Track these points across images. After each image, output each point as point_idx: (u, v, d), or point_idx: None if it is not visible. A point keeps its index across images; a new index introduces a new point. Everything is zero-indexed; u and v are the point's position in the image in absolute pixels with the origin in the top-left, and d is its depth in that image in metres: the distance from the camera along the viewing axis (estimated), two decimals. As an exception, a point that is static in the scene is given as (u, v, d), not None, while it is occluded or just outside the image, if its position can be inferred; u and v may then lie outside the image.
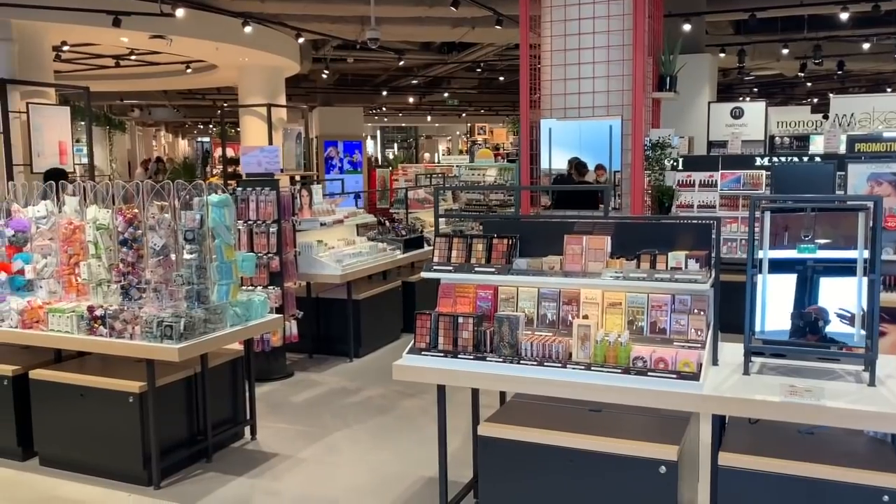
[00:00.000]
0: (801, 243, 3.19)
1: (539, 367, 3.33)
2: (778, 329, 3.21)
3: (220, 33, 10.56)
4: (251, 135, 13.13)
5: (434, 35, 13.74)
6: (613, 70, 5.76)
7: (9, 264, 4.92)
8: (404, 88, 23.30)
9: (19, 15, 8.58)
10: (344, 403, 5.75)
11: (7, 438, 4.69)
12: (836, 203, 3.66)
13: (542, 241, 3.69)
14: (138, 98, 22.93)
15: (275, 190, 6.07)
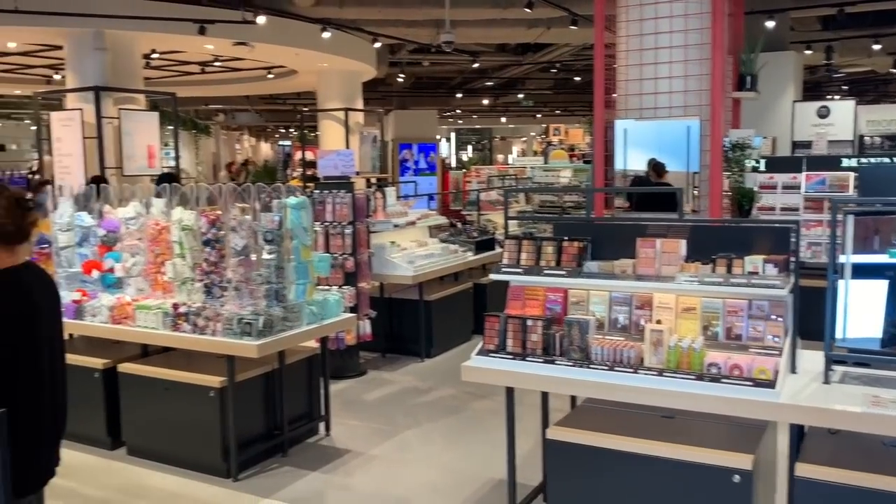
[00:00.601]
0: (892, 247, 3.06)
1: (609, 371, 3.30)
2: (864, 337, 3.09)
3: (299, 39, 10.84)
4: (329, 138, 13.42)
5: (509, 36, 13.73)
6: (691, 69, 5.64)
7: (100, 263, 5.18)
8: (479, 90, 23.35)
9: (113, 25, 9.03)
10: (415, 402, 5.82)
11: (97, 428, 4.94)
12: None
13: (615, 244, 3.65)
14: (223, 103, 23.73)
15: (350, 192, 6.20)
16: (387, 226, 6.81)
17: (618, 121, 5.95)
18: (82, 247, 5.32)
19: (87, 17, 8.67)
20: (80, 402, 4.95)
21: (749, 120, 7.77)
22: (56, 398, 2.44)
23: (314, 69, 13.13)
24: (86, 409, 4.93)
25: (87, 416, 4.94)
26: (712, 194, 5.60)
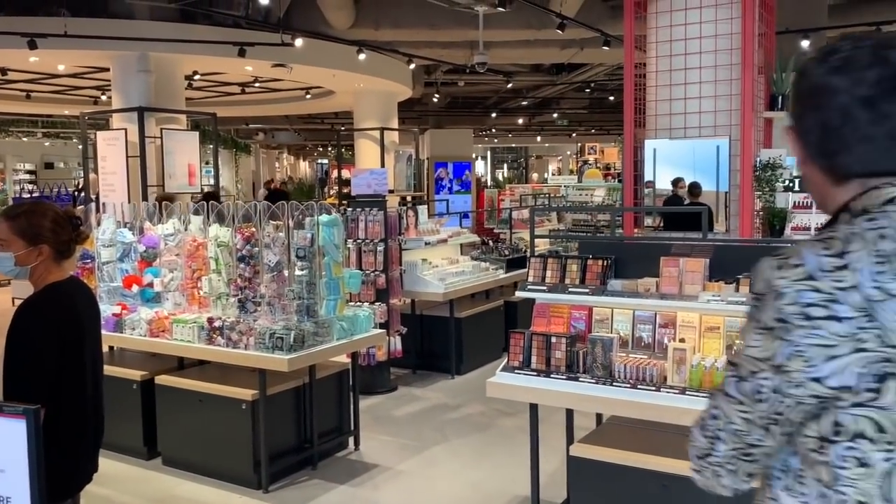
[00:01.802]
0: None
1: (632, 389, 3.33)
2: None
3: (336, 61, 11.08)
4: (365, 157, 13.63)
5: (543, 57, 13.85)
6: (721, 90, 5.66)
7: (140, 278, 5.36)
8: (514, 110, 23.48)
9: (157, 49, 9.35)
10: (444, 419, 5.87)
11: (134, 438, 5.08)
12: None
13: (639, 262, 3.68)
14: (262, 122, 24.23)
15: (382, 210, 6.31)
16: (418, 243, 6.91)
17: (647, 140, 5.98)
18: (123, 262, 5.51)
19: (132, 40, 8.99)
20: (118, 413, 5.14)
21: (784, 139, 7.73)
22: (97, 406, 2.56)
23: (351, 89, 13.37)
24: (124, 419, 5.08)
25: (125, 426, 5.08)
26: (743, 214, 5.58)
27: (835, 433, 1.11)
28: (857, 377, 1.07)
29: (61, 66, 10.93)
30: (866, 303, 1.07)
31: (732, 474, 1.26)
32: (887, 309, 1.06)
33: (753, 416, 1.18)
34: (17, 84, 13.04)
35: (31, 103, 14.67)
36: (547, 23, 10.04)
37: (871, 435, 1.09)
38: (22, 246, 2.38)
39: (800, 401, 1.13)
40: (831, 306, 1.08)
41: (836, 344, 1.08)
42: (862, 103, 1.13)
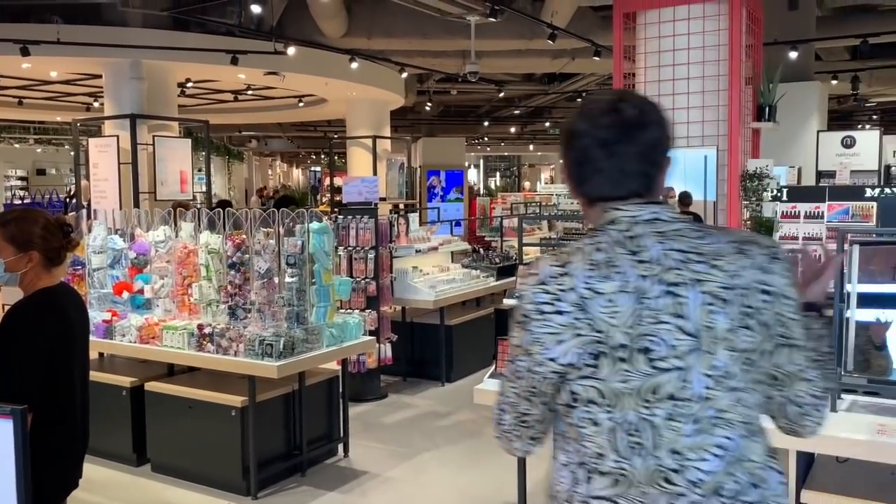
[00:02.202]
0: None
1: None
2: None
3: (329, 69, 11.12)
4: (357, 165, 13.66)
5: (535, 67, 13.93)
6: (709, 100, 5.72)
7: (131, 284, 5.37)
8: (506, 119, 23.58)
9: (150, 56, 9.37)
10: (434, 426, 5.89)
11: (124, 445, 5.09)
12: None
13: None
14: (255, 130, 24.24)
15: (373, 218, 6.35)
16: (409, 251, 6.94)
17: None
18: (114, 268, 5.52)
19: (125, 47, 9.02)
20: (107, 420, 5.16)
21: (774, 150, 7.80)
22: (84, 412, 2.58)
23: (343, 98, 13.41)
24: (113, 426, 5.10)
25: (115, 432, 5.09)
26: (730, 223, 5.64)
27: (573, 400, 1.41)
28: (578, 356, 1.37)
29: (54, 72, 10.93)
30: (580, 300, 1.36)
31: (519, 439, 1.55)
32: (595, 304, 1.36)
33: (518, 391, 1.48)
34: (9, 90, 13.02)
35: (24, 109, 14.66)
36: (538, 33, 10.12)
37: (597, 400, 1.38)
38: (12, 252, 2.40)
39: (544, 376, 1.42)
40: (556, 304, 1.38)
41: (561, 332, 1.37)
42: (598, 144, 1.42)
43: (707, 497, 1.37)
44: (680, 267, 1.38)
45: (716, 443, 1.37)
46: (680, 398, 1.36)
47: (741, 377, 1.38)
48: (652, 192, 1.47)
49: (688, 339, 1.36)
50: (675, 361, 1.36)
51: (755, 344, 1.39)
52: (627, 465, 1.38)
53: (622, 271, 1.37)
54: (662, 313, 1.35)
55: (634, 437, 1.37)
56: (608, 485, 1.40)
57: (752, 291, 1.38)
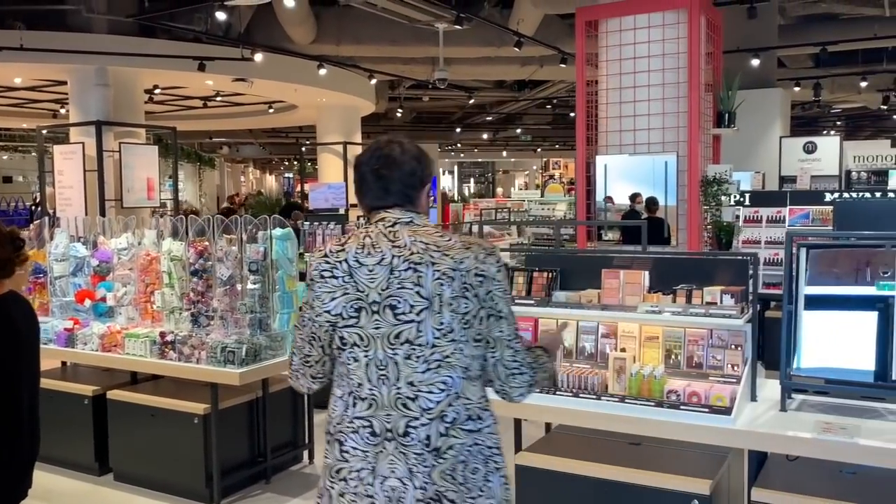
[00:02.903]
0: (881, 280, 3.12)
1: (574, 398, 3.41)
2: (847, 368, 3.13)
3: (297, 75, 11.12)
4: (328, 171, 13.65)
5: (504, 74, 14.04)
6: (669, 107, 5.82)
7: (93, 292, 5.33)
8: (479, 125, 23.69)
9: (115, 63, 9.30)
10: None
11: (86, 454, 5.03)
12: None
13: (583, 275, 3.78)
14: (226, 136, 24.09)
15: (340, 224, 6.36)
16: (376, 257, 6.96)
17: (598, 156, 6.12)
18: (76, 276, 5.47)
19: (90, 54, 8.94)
20: (69, 429, 5.11)
21: (738, 156, 7.95)
22: (32, 423, 2.56)
23: (314, 104, 13.40)
24: (75, 435, 5.04)
25: (76, 441, 5.04)
26: (690, 228, 5.74)
27: (342, 343, 1.94)
28: (344, 308, 1.92)
29: (18, 78, 10.80)
30: (350, 269, 1.92)
31: (304, 377, 2.07)
32: (359, 272, 1.91)
33: (304, 336, 2.01)
34: (-27, 97, 12.85)
35: (-12, 116, 14.47)
36: (507, 40, 10.21)
37: (358, 343, 1.91)
38: None
39: (320, 324, 1.96)
40: (333, 271, 1.93)
41: (334, 290, 1.92)
42: (371, 172, 2.01)
43: (433, 421, 1.89)
44: (422, 252, 1.91)
45: (441, 379, 1.90)
46: (415, 343, 1.89)
47: (460, 332, 1.91)
48: (413, 204, 2.04)
49: (423, 301, 1.89)
50: (413, 316, 1.89)
51: (471, 309, 1.92)
52: (377, 391, 1.91)
53: (382, 251, 1.92)
54: (406, 282, 1.89)
55: (382, 371, 1.90)
56: (366, 408, 1.92)
57: (471, 273, 1.92)
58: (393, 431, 1.90)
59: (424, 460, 1.89)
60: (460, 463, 1.92)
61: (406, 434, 1.89)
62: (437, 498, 1.89)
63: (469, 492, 1.93)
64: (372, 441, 1.91)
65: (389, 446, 1.90)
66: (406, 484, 1.88)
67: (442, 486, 1.89)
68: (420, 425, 1.89)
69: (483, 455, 1.98)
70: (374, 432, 1.91)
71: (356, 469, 1.93)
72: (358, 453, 1.93)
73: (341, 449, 1.96)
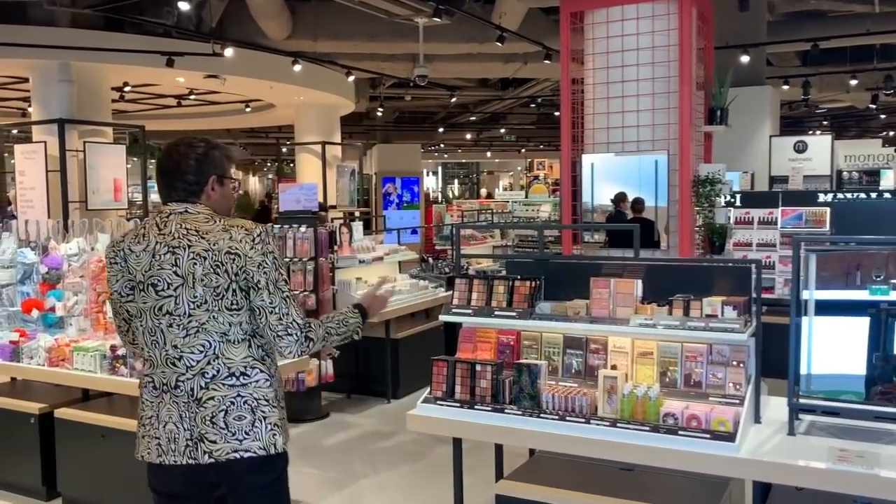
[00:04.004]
0: (873, 284, 2.86)
1: (560, 421, 3.08)
2: (842, 374, 2.86)
3: (272, 72, 10.73)
4: (306, 172, 13.27)
5: (487, 71, 13.70)
6: (659, 103, 5.51)
7: (42, 301, 4.94)
8: (462, 125, 23.37)
9: (79, 58, 8.88)
10: (376, 448, 5.55)
11: (32, 477, 4.64)
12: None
13: (569, 283, 3.45)
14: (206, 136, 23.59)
15: (311, 227, 6.00)
16: (352, 262, 6.60)
17: (584, 155, 5.79)
18: (25, 284, 5.08)
19: (51, 48, 8.52)
20: (14, 449, 4.72)
21: (727, 155, 7.65)
22: None
23: (291, 103, 13.02)
24: (20, 456, 4.67)
25: (22, 463, 4.66)
26: (682, 230, 5.43)
27: (129, 315, 2.45)
28: (122, 287, 2.40)
29: (-21, 75, 10.35)
30: (125, 256, 2.37)
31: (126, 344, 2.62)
32: (131, 258, 2.35)
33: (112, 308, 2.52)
34: (-63, 95, 12.36)
35: (-46, 115, 13.97)
36: (489, 36, 9.88)
37: (135, 314, 2.39)
38: None
39: (115, 300, 2.46)
40: (115, 257, 2.40)
41: (116, 273, 2.40)
42: (159, 173, 2.42)
43: (196, 376, 2.31)
44: (182, 237, 2.30)
45: (200, 343, 2.31)
46: (175, 314, 2.31)
47: (213, 304, 2.30)
48: (198, 197, 2.40)
49: (178, 279, 2.29)
50: (171, 291, 2.30)
51: (221, 283, 2.29)
52: (153, 353, 2.37)
53: (148, 239, 2.34)
54: (165, 263, 2.30)
55: (153, 336, 2.35)
56: (149, 367, 2.41)
57: (224, 253, 2.29)
58: (168, 385, 2.34)
59: (190, 408, 2.31)
60: (221, 411, 2.30)
61: (176, 387, 2.33)
62: (200, 438, 2.30)
63: (233, 434, 2.30)
64: (154, 393, 2.39)
65: (166, 397, 2.35)
66: (178, 427, 2.33)
67: (203, 429, 2.30)
68: (185, 380, 2.32)
69: (249, 405, 2.33)
70: (156, 386, 2.38)
71: (148, 416, 2.41)
72: (148, 403, 2.41)
73: (141, 400, 2.46)
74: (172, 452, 2.32)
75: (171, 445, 2.32)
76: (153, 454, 2.38)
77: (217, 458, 2.29)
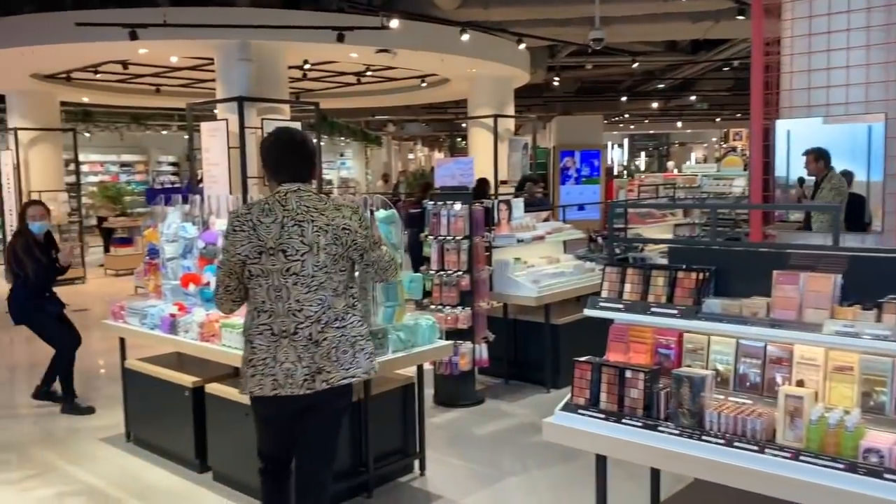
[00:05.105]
0: None
1: (727, 447, 2.50)
2: None
3: (443, 44, 10.49)
4: (477, 146, 13.01)
5: (673, 33, 12.61)
6: (875, 56, 4.55)
7: (199, 276, 5.01)
8: (649, 93, 22.03)
9: (256, 36, 9.13)
10: (529, 442, 5.15)
11: (186, 449, 4.75)
12: None
13: (747, 276, 2.83)
14: (389, 113, 24.14)
15: (466, 204, 5.67)
16: (510, 240, 6.20)
17: (779, 121, 4.96)
18: (186, 258, 5.19)
19: (230, 27, 8.82)
20: (173, 421, 4.84)
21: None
22: None
23: (464, 75, 12.75)
24: (178, 428, 4.79)
25: (179, 435, 4.79)
26: (902, 210, 4.48)
27: (250, 275, 2.96)
28: (250, 251, 2.91)
29: (174, 57, 11.01)
30: (253, 225, 2.91)
31: (227, 302, 3.11)
32: (260, 227, 2.90)
33: (225, 272, 3.02)
34: (145, 78, 13.40)
35: (161, 97, 15.13)
36: (674, -7, 8.98)
37: (260, 274, 2.93)
38: None
39: (235, 262, 2.96)
40: (242, 225, 2.93)
41: (242, 240, 2.92)
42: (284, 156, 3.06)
43: (314, 323, 2.93)
44: (304, 213, 2.93)
45: (317, 298, 2.94)
46: (300, 275, 2.91)
47: (331, 267, 2.96)
48: (307, 180, 3.05)
49: (305, 247, 2.91)
50: (298, 257, 2.90)
51: (339, 252, 2.97)
52: (274, 306, 2.93)
53: (275, 213, 2.92)
54: (293, 234, 2.90)
55: (278, 293, 2.91)
56: (266, 317, 2.95)
57: (340, 228, 2.97)
58: (287, 332, 2.91)
59: (308, 349, 2.91)
60: (333, 348, 2.94)
61: (295, 333, 2.91)
62: (318, 371, 2.91)
63: (341, 365, 2.95)
64: (272, 339, 2.92)
65: (284, 342, 2.91)
66: (296, 364, 2.90)
67: (321, 364, 2.92)
68: (304, 327, 2.91)
69: (350, 342, 2.98)
70: (274, 332, 2.92)
71: (261, 358, 2.94)
72: (263, 347, 2.93)
73: (251, 346, 2.98)
74: (290, 385, 2.91)
75: (287, 380, 2.91)
76: (266, 389, 2.95)
77: (332, 384, 2.94)
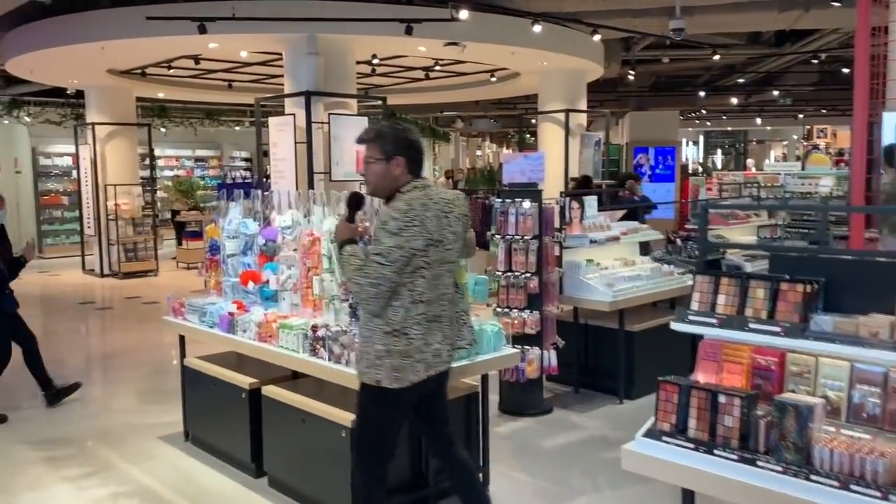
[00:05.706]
0: None
1: (841, 490, 2.14)
2: None
3: (514, 37, 10.16)
4: (547, 142, 12.63)
5: (758, 23, 11.93)
6: None
7: (258, 273, 4.86)
8: (729, 88, 21.14)
9: (323, 29, 9.00)
10: (600, 458, 4.81)
11: (242, 451, 4.60)
12: None
13: (864, 289, 2.45)
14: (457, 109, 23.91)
15: (536, 202, 5.36)
16: (582, 241, 5.86)
17: (886, 113, 4.48)
18: (246, 255, 5.05)
19: (297, 21, 8.70)
20: (229, 423, 4.70)
21: None
22: None
23: (535, 69, 12.39)
24: (234, 430, 4.64)
25: (236, 438, 4.65)
26: None
27: (416, 267, 3.10)
28: (422, 245, 3.08)
29: (243, 52, 11.01)
30: (421, 220, 3.08)
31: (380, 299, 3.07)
32: (427, 221, 3.09)
33: (393, 269, 3.04)
34: (217, 73, 13.50)
35: (234, 92, 15.25)
36: (762, -21, 8.42)
37: (425, 266, 3.11)
38: None
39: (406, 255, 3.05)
40: (412, 220, 3.06)
41: (416, 234, 3.06)
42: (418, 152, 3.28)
43: (451, 305, 3.29)
44: (444, 204, 3.20)
45: (452, 282, 3.31)
46: (451, 262, 3.25)
47: (461, 253, 3.37)
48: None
49: (453, 236, 3.22)
50: (450, 245, 3.21)
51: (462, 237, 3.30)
52: (430, 295, 3.15)
53: (429, 206, 3.13)
54: (444, 225, 3.16)
55: (436, 282, 3.17)
56: (423, 307, 3.14)
57: (464, 216, 3.31)
58: (437, 317, 3.19)
59: (451, 328, 3.28)
60: (456, 323, 3.35)
61: (441, 316, 3.21)
62: (454, 348, 3.35)
63: (460, 338, 3.42)
64: (427, 325, 3.15)
65: (433, 326, 3.18)
66: (441, 345, 3.22)
67: (456, 342, 3.37)
68: (446, 310, 3.25)
69: (462, 318, 3.46)
70: (428, 319, 3.15)
71: (416, 346, 3.12)
72: (418, 335, 3.12)
73: (407, 337, 3.11)
74: (437, 364, 3.18)
75: (436, 360, 3.17)
76: (421, 373, 3.12)
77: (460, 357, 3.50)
